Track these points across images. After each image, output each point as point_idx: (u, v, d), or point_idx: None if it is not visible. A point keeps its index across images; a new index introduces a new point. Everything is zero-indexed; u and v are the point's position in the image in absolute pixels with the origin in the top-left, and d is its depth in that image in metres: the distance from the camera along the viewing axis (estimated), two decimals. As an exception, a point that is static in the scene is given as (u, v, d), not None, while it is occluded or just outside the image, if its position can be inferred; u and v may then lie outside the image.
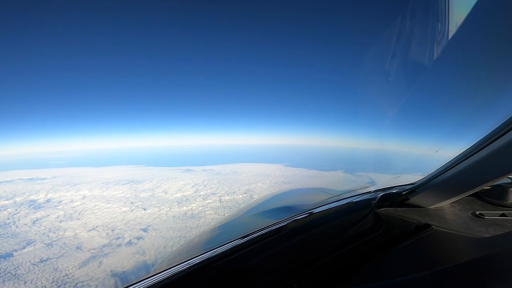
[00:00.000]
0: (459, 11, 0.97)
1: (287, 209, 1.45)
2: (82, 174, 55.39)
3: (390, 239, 1.03)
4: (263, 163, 56.69)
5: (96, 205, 27.13)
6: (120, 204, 26.61)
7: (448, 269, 0.80)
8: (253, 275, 0.81)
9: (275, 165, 53.29)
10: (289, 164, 58.74)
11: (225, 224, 1.47)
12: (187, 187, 31.61)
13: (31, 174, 52.42)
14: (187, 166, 53.22)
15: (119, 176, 46.91)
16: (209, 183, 34.09)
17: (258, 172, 40.61)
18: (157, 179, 39.53)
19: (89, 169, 68.32)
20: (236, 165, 55.91)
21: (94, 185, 37.54)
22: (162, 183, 35.89)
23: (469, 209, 1.21)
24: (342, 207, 1.13)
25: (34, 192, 33.09)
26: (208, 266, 0.76)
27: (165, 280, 0.69)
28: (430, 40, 1.13)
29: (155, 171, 50.26)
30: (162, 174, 44.67)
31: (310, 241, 0.96)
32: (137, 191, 32.20)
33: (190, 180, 36.14)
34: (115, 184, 37.39)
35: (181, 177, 40.49)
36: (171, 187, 32.75)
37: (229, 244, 0.83)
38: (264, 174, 39.17)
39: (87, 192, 32.89)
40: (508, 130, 0.75)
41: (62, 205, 28.15)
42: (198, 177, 39.46)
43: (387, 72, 1.34)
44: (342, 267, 0.87)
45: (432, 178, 1.12)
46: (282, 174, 39.22)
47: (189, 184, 33.24)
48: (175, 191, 30.47)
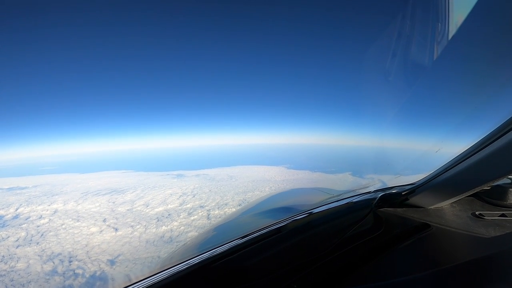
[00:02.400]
0: (459, 11, 0.97)
1: (287, 209, 1.45)
2: (65, 181, 50.17)
3: (390, 239, 1.03)
4: (263, 166, 53.06)
5: (64, 223, 23.04)
6: (90, 222, 22.69)
7: (448, 269, 0.80)
8: (253, 275, 0.81)
9: (276, 167, 50.11)
10: (291, 166, 55.54)
11: (224, 224, 1.47)
12: (173, 198, 26.83)
13: (13, 182, 47.66)
14: (179, 171, 50.16)
15: (102, 184, 42.73)
16: (200, 192, 29.48)
17: (256, 177, 37.35)
18: (142, 188, 34.72)
19: (75, 176, 63.18)
20: (233, 168, 52.38)
21: (72, 195, 33.34)
22: (146, 193, 31.05)
23: (469, 209, 1.21)
24: (342, 207, 1.13)
25: (6, 206, 28.18)
26: (208, 266, 0.75)
27: (164, 280, 0.68)
28: (430, 40, 1.13)
29: (143, 177, 46.31)
30: (149, 181, 40.85)
31: (310, 241, 0.96)
32: (115, 204, 27.89)
33: (178, 189, 31.50)
34: (95, 195, 32.73)
35: (169, 184, 35.87)
36: (155, 198, 27.92)
37: (228, 244, 0.83)
38: (263, 179, 36.35)
39: (61, 205, 28.55)
40: (508, 130, 0.75)
41: (28, 223, 23.54)
42: (188, 184, 34.93)
43: (387, 71, 1.34)
44: (342, 267, 0.87)
45: (432, 178, 1.12)
46: (283, 179, 36.25)
47: (176, 194, 28.59)
48: (158, 204, 25.64)
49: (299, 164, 62.49)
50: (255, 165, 54.70)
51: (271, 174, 40.27)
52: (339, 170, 28.05)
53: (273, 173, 41.10)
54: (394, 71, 1.32)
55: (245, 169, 48.33)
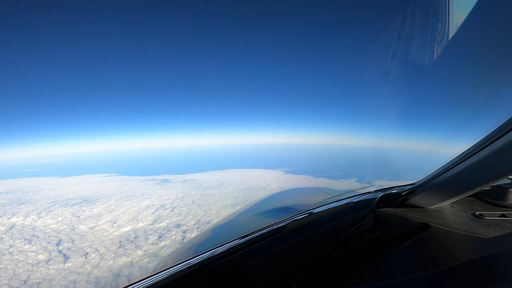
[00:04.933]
0: (459, 11, 0.97)
1: (287, 209, 1.45)
2: (41, 187, 43.64)
3: (390, 239, 1.04)
4: (259, 169, 47.59)
5: (13, 245, 19.11)
6: (42, 246, 18.41)
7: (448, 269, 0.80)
8: (253, 275, 0.81)
9: (273, 171, 44.65)
10: (289, 169, 49.14)
11: (224, 224, 1.47)
12: (147, 213, 22.46)
13: (-13, 186, 40.61)
14: (166, 175, 45.16)
15: (77, 190, 36.93)
16: (181, 204, 24.61)
17: (250, 184, 33.25)
18: (118, 197, 30.28)
19: (54, 180, 55.66)
20: (225, 172, 48.03)
21: (39, 205, 29.06)
22: (119, 204, 26.43)
23: (469, 210, 1.21)
24: (342, 207, 1.13)
25: (-37, 216, 24.07)
26: (208, 266, 0.76)
27: (165, 280, 0.69)
28: (430, 40, 1.13)
29: (124, 183, 41.43)
30: (129, 188, 36.05)
31: (310, 241, 0.96)
32: (79, 219, 23.17)
33: (157, 199, 26.94)
34: (63, 205, 27.87)
35: (150, 192, 31.24)
36: (126, 212, 23.48)
37: (228, 244, 0.83)
38: (257, 186, 32.29)
39: (21, 219, 24.56)
40: (508, 131, 0.75)
41: (-25, 241, 19.27)
42: (171, 192, 30.50)
43: (387, 72, 1.34)
44: (342, 267, 0.87)
45: (432, 178, 1.12)
46: (281, 186, 32.30)
47: (153, 206, 24.16)
48: (127, 221, 21.12)
49: (298, 167, 56.17)
50: (251, 169, 49.72)
51: (267, 179, 36.44)
52: (342, 175, 23.95)
53: (270, 178, 37.01)
54: (394, 72, 1.32)
55: (238, 173, 43.93)
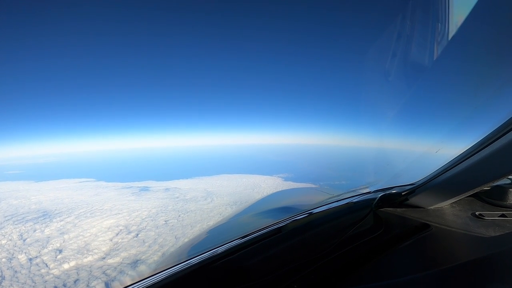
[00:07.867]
0: (459, 11, 0.97)
1: (287, 209, 1.45)
2: (7, 194, 36.84)
3: (389, 239, 1.04)
4: (254, 175, 40.03)
5: None
6: None
7: (448, 269, 0.80)
8: (253, 275, 0.81)
9: (270, 177, 36.87)
10: (289, 175, 40.28)
11: (225, 224, 1.47)
12: (104, 238, 17.34)
13: (-47, 193, 34.62)
14: (148, 181, 38.59)
15: (43, 200, 30.92)
16: (150, 224, 19.46)
17: (241, 196, 26.58)
18: (82, 211, 24.03)
19: (27, 185, 48.42)
20: (215, 178, 39.71)
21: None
22: (79, 222, 21.19)
23: (469, 210, 1.21)
24: (342, 207, 1.13)
25: None
26: (208, 266, 0.76)
27: (165, 280, 0.69)
28: (430, 40, 1.13)
29: (96, 192, 35.43)
30: (99, 199, 30.34)
31: (310, 241, 0.96)
32: (25, 244, 17.86)
33: (125, 217, 21.14)
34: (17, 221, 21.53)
35: (120, 206, 24.32)
36: (81, 235, 18.38)
37: (229, 244, 0.83)
38: (249, 199, 23.52)
39: None
40: (509, 131, 0.75)
41: None
42: (145, 206, 24.45)
43: (387, 72, 1.35)
44: (342, 267, 0.87)
45: (432, 178, 1.12)
46: None
47: (116, 228, 18.76)
48: (75, 251, 16.07)
49: (298, 172, 45.50)
50: (245, 174, 42.00)
51: (263, 189, 29.91)
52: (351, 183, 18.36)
53: (265, 187, 30.59)
54: (394, 72, 1.32)
55: (230, 180, 36.84)
